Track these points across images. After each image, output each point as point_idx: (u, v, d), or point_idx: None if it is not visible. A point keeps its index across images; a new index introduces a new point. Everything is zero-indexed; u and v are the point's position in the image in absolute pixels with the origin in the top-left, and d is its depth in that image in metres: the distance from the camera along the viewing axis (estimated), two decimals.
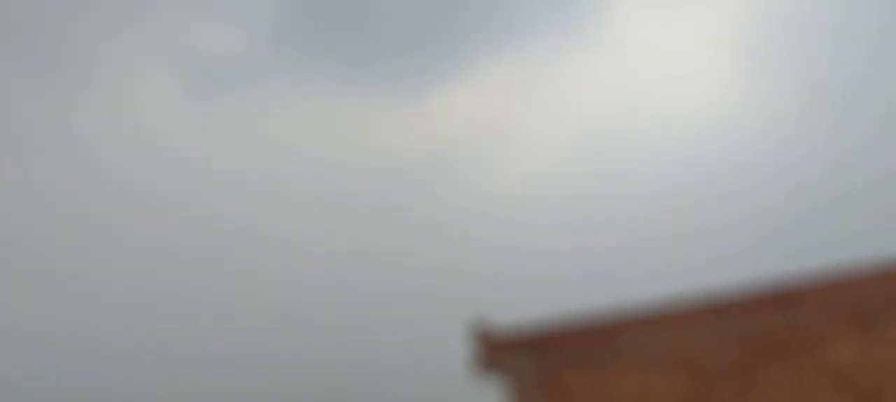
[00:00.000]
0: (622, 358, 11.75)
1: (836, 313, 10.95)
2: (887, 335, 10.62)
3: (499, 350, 12.39)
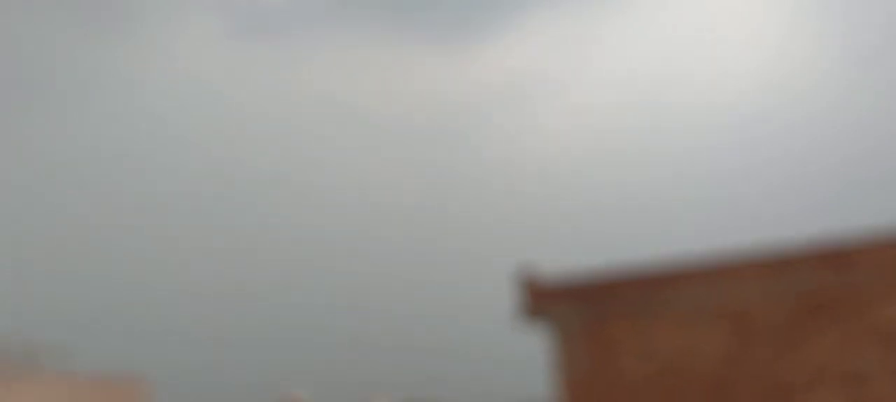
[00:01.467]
0: (668, 310, 11.74)
1: (889, 273, 10.77)
2: None
3: (544, 299, 12.47)
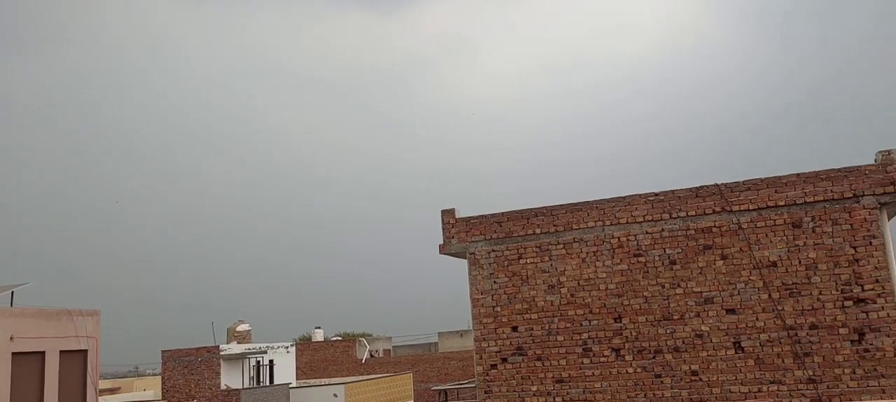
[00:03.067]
0: (572, 244, 12.91)
1: (770, 214, 12.00)
2: (815, 237, 11.71)
3: (462, 234, 13.56)
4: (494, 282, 13.27)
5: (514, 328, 13.05)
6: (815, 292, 11.66)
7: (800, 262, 11.81)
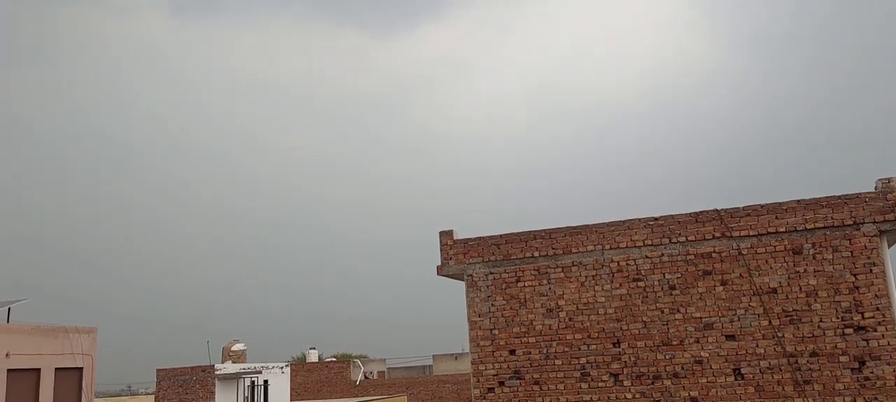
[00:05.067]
0: (571, 267, 12.84)
1: (771, 241, 11.95)
2: (815, 264, 11.65)
3: (460, 256, 13.49)
4: (492, 305, 13.19)
5: (512, 352, 12.95)
6: (815, 320, 11.58)
7: (800, 289, 11.75)
